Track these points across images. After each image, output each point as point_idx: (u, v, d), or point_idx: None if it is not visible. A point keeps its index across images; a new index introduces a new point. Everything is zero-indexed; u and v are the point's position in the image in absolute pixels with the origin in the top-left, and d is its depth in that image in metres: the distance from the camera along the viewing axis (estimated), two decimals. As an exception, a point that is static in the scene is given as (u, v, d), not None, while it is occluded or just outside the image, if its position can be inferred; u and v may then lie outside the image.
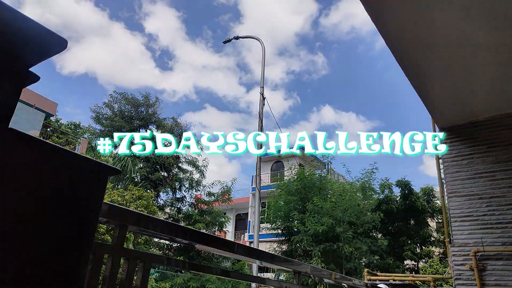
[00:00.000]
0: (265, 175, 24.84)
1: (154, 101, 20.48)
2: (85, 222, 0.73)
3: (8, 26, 0.61)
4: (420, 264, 17.45)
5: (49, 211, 0.67)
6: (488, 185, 4.96)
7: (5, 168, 0.62)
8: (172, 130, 19.95)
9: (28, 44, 0.66)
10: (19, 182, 0.64)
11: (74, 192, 0.72)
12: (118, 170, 0.89)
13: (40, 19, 0.69)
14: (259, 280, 2.29)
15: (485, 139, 5.19)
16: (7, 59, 0.65)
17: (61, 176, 0.71)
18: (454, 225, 5.08)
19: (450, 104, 5.09)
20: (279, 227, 16.32)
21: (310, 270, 2.52)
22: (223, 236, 20.11)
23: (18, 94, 0.66)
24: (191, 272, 13.95)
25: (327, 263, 13.29)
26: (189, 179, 19.68)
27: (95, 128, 20.10)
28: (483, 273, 4.68)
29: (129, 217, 1.20)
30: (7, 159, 0.62)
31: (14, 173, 0.63)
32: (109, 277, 1.11)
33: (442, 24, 3.61)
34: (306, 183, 15.64)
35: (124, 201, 11.47)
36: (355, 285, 3.44)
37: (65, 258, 0.69)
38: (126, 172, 16.56)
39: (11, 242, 0.61)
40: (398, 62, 4.22)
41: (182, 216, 18.67)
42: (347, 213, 14.09)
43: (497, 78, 4.43)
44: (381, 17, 3.60)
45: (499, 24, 3.55)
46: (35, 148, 0.68)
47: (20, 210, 0.63)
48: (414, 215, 17.52)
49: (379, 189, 18.19)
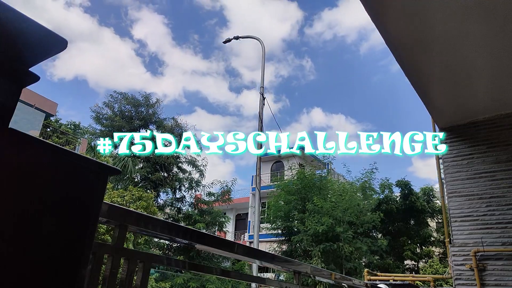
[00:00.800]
0: (265, 175, 24.85)
1: (154, 101, 20.48)
2: (85, 222, 0.73)
3: (8, 26, 0.61)
4: (420, 264, 17.46)
5: (49, 211, 0.67)
6: (488, 185, 4.96)
7: (5, 168, 0.62)
8: (172, 130, 19.95)
9: (28, 44, 0.66)
10: (19, 182, 0.64)
11: (74, 192, 0.72)
12: (118, 170, 0.89)
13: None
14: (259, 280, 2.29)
15: (485, 139, 5.19)
16: (7, 59, 0.65)
17: (61, 176, 0.71)
18: (454, 225, 5.08)
19: (450, 104, 5.09)
20: (279, 227, 16.33)
21: (310, 270, 2.52)
22: (223, 236, 20.11)
23: (18, 94, 0.66)
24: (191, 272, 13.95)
25: (327, 263, 13.29)
26: (189, 179, 19.68)
27: (95, 128, 20.11)
28: (483, 273, 4.68)
29: (129, 217, 1.20)
30: (7, 159, 0.62)
31: (14, 173, 0.63)
32: (109, 277, 1.11)
33: (442, 24, 3.61)
34: (306, 183, 15.65)
35: (124, 202, 11.47)
36: (355, 285, 3.45)
37: (65, 258, 0.69)
38: (126, 172, 16.56)
39: (11, 242, 0.61)
40: (398, 62, 4.22)
41: (182, 216, 18.67)
42: (347, 213, 14.09)
43: (497, 78, 4.43)
44: (381, 17, 3.60)
45: (499, 24, 3.55)
46: (35, 148, 0.68)
47: (20, 210, 0.63)
48: (414, 215, 17.53)
49: (379, 189, 18.21)
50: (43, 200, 0.67)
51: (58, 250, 0.68)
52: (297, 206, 15.73)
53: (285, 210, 15.88)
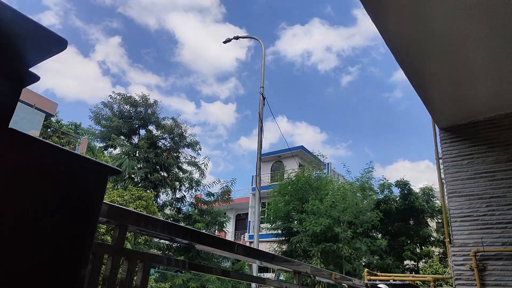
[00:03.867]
0: (265, 175, 24.85)
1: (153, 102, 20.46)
2: (85, 222, 0.73)
3: (8, 26, 0.61)
4: (420, 264, 17.45)
5: (49, 211, 0.67)
6: (488, 185, 4.96)
7: (5, 168, 0.62)
8: (171, 130, 19.93)
9: (28, 44, 0.66)
10: (19, 182, 0.64)
11: (74, 192, 0.72)
12: (119, 170, 0.89)
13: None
14: (259, 280, 2.29)
15: (485, 139, 5.19)
16: (7, 59, 0.65)
17: (61, 176, 0.71)
18: (454, 225, 5.08)
19: (450, 104, 5.09)
20: (279, 227, 16.33)
21: (310, 270, 2.52)
22: (223, 236, 20.11)
23: (18, 94, 0.66)
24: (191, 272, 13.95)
25: (327, 263, 13.29)
26: (189, 179, 19.67)
27: (95, 129, 20.09)
28: (483, 273, 4.68)
29: (129, 217, 1.20)
30: (7, 159, 0.62)
31: (14, 173, 0.63)
32: (109, 277, 1.11)
33: (442, 24, 3.62)
34: (303, 184, 15.63)
35: (123, 202, 11.47)
36: (355, 285, 3.45)
37: (65, 258, 0.69)
38: (125, 172, 16.56)
39: (11, 242, 0.61)
40: (398, 62, 4.22)
41: (182, 216, 18.67)
42: (346, 213, 14.09)
43: (497, 78, 4.43)
44: (381, 18, 3.60)
45: (499, 24, 3.55)
46: (35, 148, 0.68)
47: (20, 210, 0.63)
48: (413, 215, 17.53)
49: (379, 189, 18.22)
50: (43, 200, 0.67)
51: (58, 250, 0.68)
52: (296, 207, 15.73)
53: (284, 210, 15.89)
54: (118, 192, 11.99)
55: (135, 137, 20.13)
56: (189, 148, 20.43)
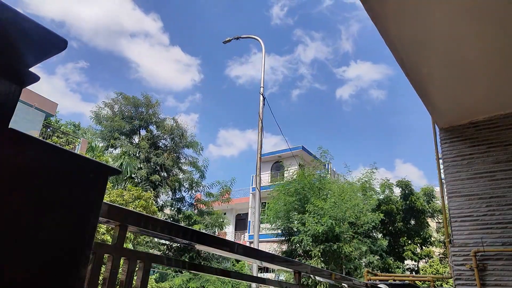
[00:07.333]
0: (265, 175, 24.84)
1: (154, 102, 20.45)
2: (85, 222, 0.73)
3: (8, 26, 0.61)
4: (420, 264, 17.46)
5: (49, 211, 0.67)
6: (488, 185, 4.96)
7: (5, 168, 0.62)
8: (172, 131, 19.93)
9: (28, 44, 0.66)
10: (19, 182, 0.64)
11: (74, 192, 0.72)
12: (119, 170, 0.89)
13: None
14: (259, 280, 2.28)
15: (485, 139, 5.19)
16: (7, 59, 0.65)
17: (61, 176, 0.71)
18: (454, 225, 5.07)
19: (450, 104, 5.09)
20: (279, 227, 16.32)
21: (310, 270, 2.52)
22: (223, 236, 20.11)
23: (18, 94, 0.66)
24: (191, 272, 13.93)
25: (327, 263, 13.28)
26: (188, 180, 19.67)
27: (96, 128, 20.07)
28: (483, 273, 4.67)
29: (129, 217, 1.20)
30: (7, 159, 0.62)
31: (14, 173, 0.63)
32: (109, 277, 1.11)
33: (442, 24, 3.62)
34: (305, 184, 15.63)
35: (123, 201, 11.47)
36: (355, 285, 3.44)
37: (65, 258, 0.69)
38: (125, 172, 16.56)
39: (11, 242, 0.61)
40: (398, 63, 4.22)
41: (182, 217, 18.66)
42: (347, 213, 14.08)
43: (497, 78, 4.43)
44: (381, 18, 3.60)
45: (499, 24, 3.55)
46: (35, 148, 0.68)
47: (20, 210, 0.63)
48: (414, 215, 17.52)
49: (380, 189, 18.19)
50: (43, 200, 0.67)
51: (58, 250, 0.68)
52: (296, 207, 15.71)
53: (284, 211, 15.87)
54: (118, 192, 11.99)
55: (135, 137, 20.13)
56: (190, 148, 20.44)
